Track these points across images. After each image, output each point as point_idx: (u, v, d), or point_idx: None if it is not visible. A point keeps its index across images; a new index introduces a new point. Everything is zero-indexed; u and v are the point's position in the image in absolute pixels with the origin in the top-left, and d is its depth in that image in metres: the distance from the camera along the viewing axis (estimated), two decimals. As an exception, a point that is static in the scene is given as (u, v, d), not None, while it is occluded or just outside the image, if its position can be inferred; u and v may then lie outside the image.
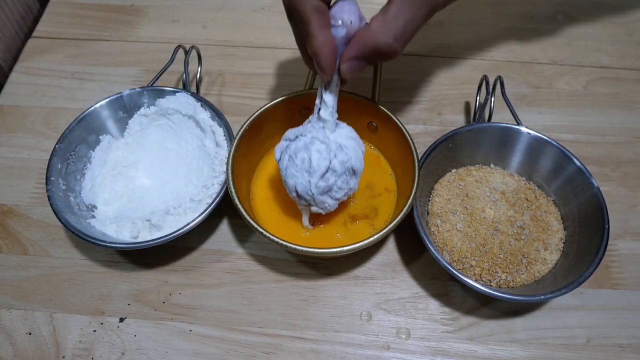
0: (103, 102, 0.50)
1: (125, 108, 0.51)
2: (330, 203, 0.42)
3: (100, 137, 0.50)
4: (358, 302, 0.45)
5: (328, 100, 0.39)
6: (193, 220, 0.43)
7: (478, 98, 0.52)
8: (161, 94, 0.51)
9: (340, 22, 0.36)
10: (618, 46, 0.63)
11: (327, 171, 0.39)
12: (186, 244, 0.48)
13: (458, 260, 0.44)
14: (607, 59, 0.62)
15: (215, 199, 0.44)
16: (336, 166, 0.39)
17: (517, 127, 0.48)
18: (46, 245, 0.48)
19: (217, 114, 0.49)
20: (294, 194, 0.41)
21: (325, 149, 0.39)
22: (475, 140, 0.49)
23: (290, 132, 0.42)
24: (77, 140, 0.48)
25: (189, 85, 0.51)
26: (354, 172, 0.41)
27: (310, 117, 0.41)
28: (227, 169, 0.44)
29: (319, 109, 0.40)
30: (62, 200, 0.45)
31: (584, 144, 0.55)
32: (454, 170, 0.49)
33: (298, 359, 0.43)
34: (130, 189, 0.49)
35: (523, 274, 0.43)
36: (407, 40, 0.37)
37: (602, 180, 0.52)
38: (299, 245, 0.40)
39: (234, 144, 0.45)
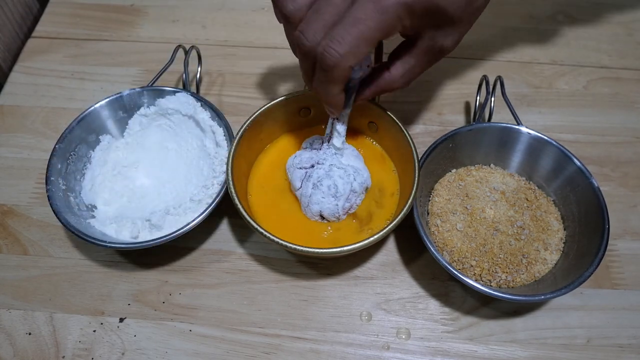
0: (103, 102, 0.50)
1: (125, 108, 0.51)
2: (344, 217, 0.46)
3: (100, 137, 0.50)
4: (358, 302, 0.45)
5: (341, 131, 0.44)
6: (193, 220, 0.43)
7: (478, 98, 0.52)
8: (161, 94, 0.51)
9: (359, 66, 0.41)
10: (618, 46, 0.63)
11: (350, 193, 0.44)
12: (186, 244, 0.48)
13: (458, 260, 0.44)
14: (607, 59, 0.62)
15: (215, 199, 0.44)
16: (356, 188, 0.44)
17: (517, 127, 0.48)
18: (46, 245, 0.48)
19: (217, 114, 0.49)
20: (317, 217, 0.45)
21: (345, 174, 0.44)
22: (475, 140, 0.49)
23: (304, 159, 0.46)
24: (77, 140, 0.48)
25: (189, 85, 0.51)
26: (366, 188, 0.46)
27: (322, 144, 0.46)
28: (227, 169, 0.44)
29: (330, 137, 0.45)
30: (62, 200, 0.45)
31: (584, 144, 0.55)
32: (454, 170, 0.49)
33: (298, 359, 0.43)
34: (130, 189, 0.49)
35: (523, 274, 0.43)
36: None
37: (602, 180, 0.52)
38: (299, 245, 0.40)
39: (234, 144, 0.45)
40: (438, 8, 0.36)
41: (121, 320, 0.44)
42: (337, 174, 0.44)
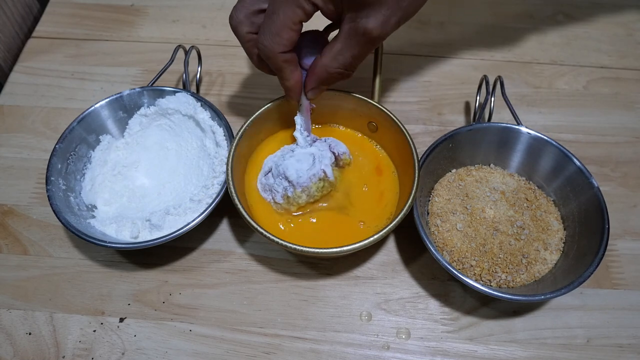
0: (103, 102, 0.50)
1: (125, 108, 0.51)
2: (269, 199, 0.47)
3: (100, 137, 0.50)
4: (358, 302, 0.45)
5: (297, 122, 0.46)
6: (193, 220, 0.43)
7: (478, 98, 0.52)
8: (161, 94, 0.51)
9: (308, 52, 0.43)
10: (618, 46, 0.63)
11: (269, 170, 0.46)
12: (186, 244, 0.48)
13: (458, 260, 0.44)
14: (607, 59, 0.62)
15: (215, 199, 0.44)
16: (273, 168, 0.46)
17: (517, 127, 0.48)
18: (46, 245, 0.48)
19: (217, 114, 0.49)
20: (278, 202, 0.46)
21: (279, 156, 0.47)
22: (475, 140, 0.49)
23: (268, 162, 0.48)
24: (77, 140, 0.48)
25: (189, 85, 0.51)
26: (285, 177, 0.45)
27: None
28: (227, 169, 0.44)
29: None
30: (62, 200, 0.45)
31: (584, 144, 0.55)
32: (454, 170, 0.49)
33: (298, 359, 0.43)
34: (130, 189, 0.49)
35: (523, 274, 0.43)
36: (355, 67, 0.42)
37: (602, 180, 0.52)
38: (299, 245, 0.40)
39: (234, 144, 0.45)
40: None
41: (121, 320, 0.44)
42: (287, 161, 0.45)
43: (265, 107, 0.47)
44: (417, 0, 0.39)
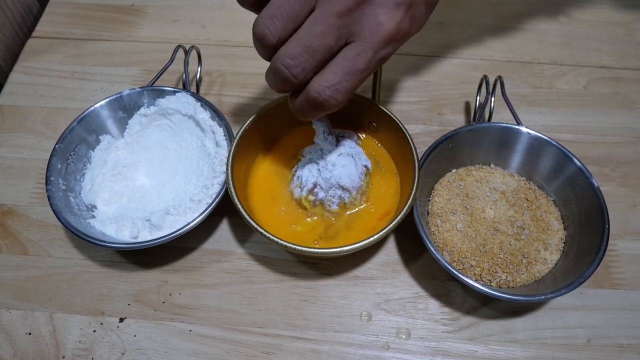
0: (103, 102, 0.50)
1: (125, 108, 0.51)
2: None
3: (100, 137, 0.50)
4: (358, 302, 0.45)
5: (317, 128, 0.45)
6: (193, 220, 0.43)
7: (478, 98, 0.52)
8: (161, 94, 0.51)
9: None
10: (618, 46, 0.63)
11: (314, 187, 0.45)
12: (186, 244, 0.48)
13: (458, 260, 0.44)
14: (607, 59, 0.62)
15: (215, 199, 0.44)
16: (321, 183, 0.45)
17: (517, 127, 0.48)
18: (46, 245, 0.48)
19: (217, 114, 0.49)
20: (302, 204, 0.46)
21: (314, 168, 0.45)
22: (475, 140, 0.49)
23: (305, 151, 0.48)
24: (77, 140, 0.48)
25: (189, 85, 0.51)
26: (340, 186, 0.45)
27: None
28: (227, 169, 0.44)
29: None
30: (62, 200, 0.45)
31: (584, 144, 0.55)
32: (454, 170, 0.49)
33: (298, 359, 0.43)
34: (130, 189, 0.49)
35: (523, 274, 0.43)
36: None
37: (602, 180, 0.52)
38: (299, 245, 0.40)
39: (234, 144, 0.45)
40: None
41: (121, 320, 0.44)
42: (307, 167, 0.46)
43: (265, 107, 0.47)
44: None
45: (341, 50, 0.35)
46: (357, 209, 0.46)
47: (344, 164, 0.45)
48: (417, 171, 0.43)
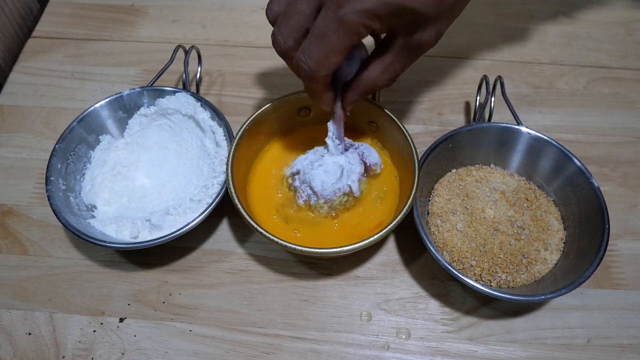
0: (103, 102, 0.50)
1: (125, 108, 0.51)
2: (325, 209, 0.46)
3: (100, 137, 0.50)
4: (358, 302, 0.45)
5: (329, 128, 0.45)
6: (193, 220, 0.43)
7: (478, 98, 0.52)
8: (161, 94, 0.51)
9: (350, 61, 0.41)
10: (618, 46, 0.63)
11: (297, 173, 0.46)
12: (186, 244, 0.48)
13: (458, 260, 0.44)
14: (607, 59, 0.62)
15: (215, 199, 0.44)
16: (301, 173, 0.45)
17: (517, 127, 0.48)
18: (46, 245, 0.48)
19: (217, 114, 0.49)
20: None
21: (309, 160, 0.46)
22: (475, 140, 0.49)
23: (297, 163, 0.47)
24: (77, 140, 0.48)
25: (189, 85, 0.51)
26: (345, 193, 0.45)
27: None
28: (227, 169, 0.44)
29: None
30: (62, 200, 0.45)
31: (584, 144, 0.55)
32: (454, 170, 0.49)
33: (298, 359, 0.43)
34: (130, 189, 0.49)
35: (523, 274, 0.43)
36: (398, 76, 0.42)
37: (602, 180, 0.52)
38: (299, 245, 0.40)
39: (234, 144, 0.45)
40: (405, 8, 0.36)
41: (121, 320, 0.44)
42: (307, 156, 0.46)
43: (266, 107, 0.47)
44: (463, 6, 0.40)
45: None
46: (321, 217, 0.46)
47: (327, 170, 0.44)
48: (417, 171, 0.43)
